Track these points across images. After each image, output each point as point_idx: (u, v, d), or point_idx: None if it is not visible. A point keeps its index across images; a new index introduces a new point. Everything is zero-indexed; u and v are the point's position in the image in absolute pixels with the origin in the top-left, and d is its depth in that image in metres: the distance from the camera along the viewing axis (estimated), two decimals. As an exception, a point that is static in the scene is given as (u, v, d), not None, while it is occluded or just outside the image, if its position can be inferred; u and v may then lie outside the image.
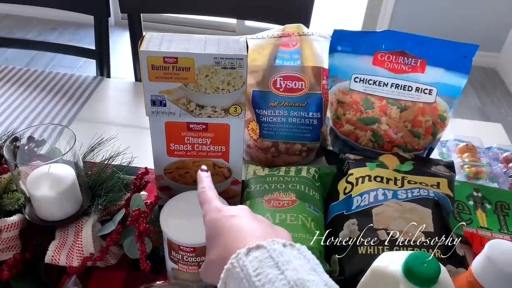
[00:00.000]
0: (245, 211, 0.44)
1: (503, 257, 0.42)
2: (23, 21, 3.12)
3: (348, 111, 0.79)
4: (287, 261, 0.35)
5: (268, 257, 0.35)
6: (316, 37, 0.79)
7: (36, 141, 0.68)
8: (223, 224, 0.42)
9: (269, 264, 0.35)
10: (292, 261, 0.35)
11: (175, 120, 0.62)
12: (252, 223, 0.42)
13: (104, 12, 1.11)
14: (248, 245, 0.37)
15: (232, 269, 0.36)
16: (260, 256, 0.35)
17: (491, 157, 0.87)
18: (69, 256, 0.58)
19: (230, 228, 0.41)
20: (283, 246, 0.37)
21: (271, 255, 0.35)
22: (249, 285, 0.34)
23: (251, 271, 0.34)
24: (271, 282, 0.33)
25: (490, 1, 2.75)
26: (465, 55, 0.73)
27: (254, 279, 0.34)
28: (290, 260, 0.35)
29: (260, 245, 0.36)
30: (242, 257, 0.36)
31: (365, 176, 0.68)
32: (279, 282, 0.33)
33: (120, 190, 0.63)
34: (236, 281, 0.35)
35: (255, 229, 0.41)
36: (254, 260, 0.35)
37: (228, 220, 0.42)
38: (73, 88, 1.02)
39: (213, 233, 0.42)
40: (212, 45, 0.58)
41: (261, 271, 0.34)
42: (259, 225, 0.42)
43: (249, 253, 0.36)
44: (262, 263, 0.35)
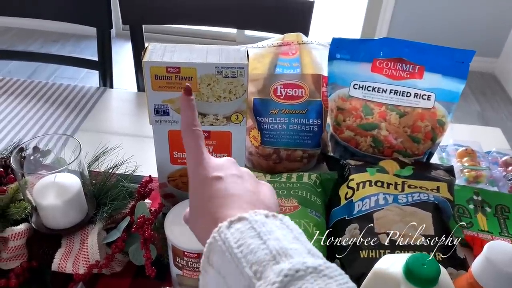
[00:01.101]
0: (230, 169, 0.42)
1: (502, 257, 0.43)
2: (25, 33, 3.16)
3: (348, 118, 0.80)
4: (269, 231, 0.35)
5: (250, 228, 0.35)
6: (315, 45, 0.81)
7: (42, 151, 0.69)
8: (208, 186, 0.40)
9: (250, 235, 0.34)
10: (275, 231, 0.35)
11: (178, 129, 0.63)
12: (237, 186, 0.41)
13: (106, 24, 1.13)
14: (230, 218, 0.36)
15: (214, 242, 0.35)
16: (242, 228, 0.35)
17: (490, 161, 0.88)
18: (75, 263, 0.58)
19: (215, 193, 0.40)
20: (266, 217, 0.36)
21: (253, 226, 0.35)
22: (231, 257, 0.34)
23: (232, 243, 0.34)
24: (253, 252, 0.33)
25: (488, 7, 2.77)
26: (462, 61, 0.74)
27: (236, 250, 0.34)
28: (272, 230, 0.35)
29: (242, 217, 0.36)
30: (224, 230, 0.35)
31: (366, 181, 0.69)
32: (261, 252, 0.33)
33: (125, 198, 0.64)
34: (219, 254, 0.35)
35: (239, 196, 0.40)
36: (236, 232, 0.35)
37: (213, 182, 0.40)
38: (77, 98, 1.04)
39: (197, 192, 0.41)
40: (214, 54, 0.59)
41: (243, 242, 0.34)
42: (243, 189, 0.41)
43: (231, 226, 0.35)
44: (244, 234, 0.34)
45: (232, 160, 0.44)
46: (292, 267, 0.31)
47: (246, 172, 0.44)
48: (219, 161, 0.43)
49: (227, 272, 0.34)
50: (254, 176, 0.44)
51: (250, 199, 0.40)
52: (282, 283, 0.30)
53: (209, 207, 0.39)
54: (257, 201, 0.40)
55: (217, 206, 0.39)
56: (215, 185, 0.40)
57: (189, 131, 0.43)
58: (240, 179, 0.42)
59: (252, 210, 0.37)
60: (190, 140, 0.43)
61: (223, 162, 0.43)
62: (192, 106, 0.44)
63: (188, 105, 0.44)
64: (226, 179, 0.41)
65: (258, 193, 0.42)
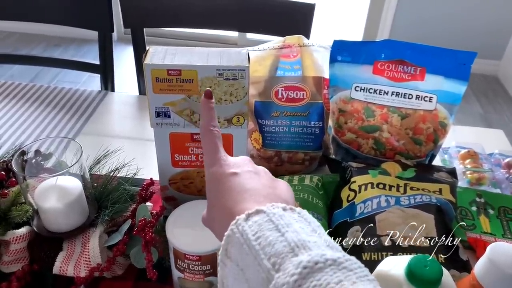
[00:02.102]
0: (247, 166, 0.43)
1: (504, 259, 0.43)
2: (28, 38, 3.17)
3: (350, 120, 0.80)
4: (287, 223, 0.35)
5: (268, 220, 0.35)
6: (316, 48, 0.80)
7: (43, 155, 0.69)
8: (224, 182, 0.41)
9: (268, 227, 0.34)
10: (293, 224, 0.35)
11: (179, 131, 0.63)
12: (253, 181, 0.41)
13: (108, 27, 1.14)
14: (248, 211, 0.36)
15: (232, 235, 0.35)
16: (260, 220, 0.35)
17: (493, 163, 0.87)
18: (77, 266, 0.58)
19: (232, 188, 0.40)
20: (283, 210, 0.36)
21: (270, 219, 0.35)
22: (249, 249, 0.34)
23: (250, 236, 0.34)
24: (271, 245, 0.33)
25: (490, 10, 2.77)
26: (464, 63, 0.74)
27: (254, 243, 0.34)
28: (290, 223, 0.35)
29: (259, 210, 0.36)
30: (242, 223, 0.35)
31: (368, 183, 0.68)
32: (279, 244, 0.33)
33: (126, 201, 0.64)
34: (237, 247, 0.35)
35: (256, 190, 0.40)
36: (253, 224, 0.35)
37: (230, 178, 0.41)
38: (78, 102, 1.04)
39: (214, 189, 0.41)
40: (215, 57, 0.59)
41: (261, 234, 0.34)
42: (260, 184, 0.41)
43: (248, 218, 0.35)
44: (262, 227, 0.34)
45: (248, 158, 0.44)
46: (311, 259, 0.31)
47: (262, 169, 0.44)
48: (235, 159, 0.43)
49: (245, 264, 0.34)
50: (270, 173, 0.44)
51: (267, 193, 0.40)
52: (301, 275, 0.30)
53: (226, 202, 0.40)
54: (274, 195, 0.40)
55: (234, 200, 0.39)
56: (231, 181, 0.41)
57: (207, 131, 0.44)
58: (256, 175, 0.42)
59: (270, 203, 0.37)
60: (208, 139, 0.44)
61: (239, 160, 0.44)
62: (211, 109, 0.46)
63: (208, 108, 0.45)
64: (243, 175, 0.41)
65: (274, 188, 0.42)
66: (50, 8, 1.16)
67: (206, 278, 0.56)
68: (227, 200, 0.40)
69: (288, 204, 0.40)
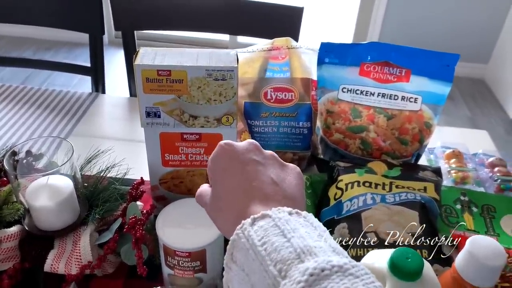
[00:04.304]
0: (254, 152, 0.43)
1: (483, 251, 0.45)
2: (18, 41, 3.16)
3: (337, 121, 0.82)
4: (293, 229, 0.34)
5: (274, 225, 0.35)
6: (304, 50, 0.82)
7: (34, 155, 0.70)
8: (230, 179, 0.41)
9: (274, 233, 0.34)
10: (299, 229, 0.34)
11: (169, 131, 0.64)
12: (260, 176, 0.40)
13: (98, 30, 1.14)
14: (253, 215, 0.36)
15: (238, 240, 0.35)
16: (265, 225, 0.35)
17: (477, 162, 0.90)
18: (68, 264, 0.59)
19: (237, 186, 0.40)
20: (289, 214, 0.36)
21: (276, 224, 0.35)
22: (255, 255, 0.34)
23: (256, 241, 0.34)
24: (277, 251, 0.33)
25: (477, 14, 2.81)
26: (447, 64, 0.76)
27: (260, 248, 0.33)
28: (296, 228, 0.34)
29: (265, 214, 0.36)
30: (247, 227, 0.35)
31: (354, 181, 0.70)
32: (285, 250, 0.33)
33: (116, 200, 0.64)
34: (243, 252, 0.35)
35: (262, 189, 0.39)
36: (259, 229, 0.35)
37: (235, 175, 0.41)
38: (69, 104, 1.05)
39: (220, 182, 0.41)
40: (204, 58, 0.60)
41: (267, 240, 0.34)
42: (266, 179, 0.40)
43: (254, 223, 0.35)
44: (268, 232, 0.34)
45: (254, 144, 0.44)
46: (318, 266, 0.31)
47: (270, 155, 0.44)
48: (243, 144, 0.43)
49: (251, 269, 0.34)
50: (279, 159, 0.44)
51: (273, 191, 0.40)
52: (307, 282, 0.30)
53: (230, 200, 0.40)
54: (280, 194, 0.40)
55: (239, 199, 0.39)
56: (236, 177, 0.40)
57: None
58: (263, 166, 0.42)
59: (275, 205, 0.37)
60: None
61: (246, 145, 0.43)
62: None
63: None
64: (249, 170, 0.41)
65: (282, 182, 0.41)
66: (40, 11, 1.16)
67: (195, 274, 0.57)
68: (232, 199, 0.40)
69: (296, 200, 0.40)
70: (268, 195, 0.39)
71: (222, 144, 0.44)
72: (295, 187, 0.42)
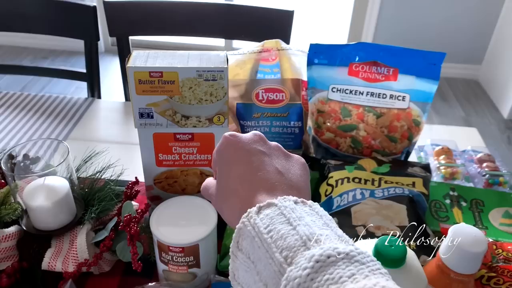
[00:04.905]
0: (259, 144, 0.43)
1: (465, 239, 0.46)
2: (16, 51, 3.18)
3: (328, 120, 0.84)
4: (299, 217, 0.35)
5: (279, 214, 0.35)
6: (294, 51, 0.84)
7: (31, 158, 0.72)
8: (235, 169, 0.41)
9: (280, 221, 0.34)
10: (304, 217, 0.35)
11: (162, 131, 0.65)
12: (265, 166, 0.41)
13: (93, 36, 1.16)
14: (259, 203, 0.36)
15: (244, 228, 0.36)
16: (271, 214, 0.35)
17: (466, 159, 0.91)
18: (65, 262, 0.61)
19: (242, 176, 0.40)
20: (295, 203, 0.36)
21: (282, 212, 0.35)
22: (261, 243, 0.34)
23: (262, 229, 0.34)
24: (283, 238, 0.33)
25: (470, 16, 2.84)
26: (434, 63, 0.78)
27: (266, 236, 0.34)
28: (302, 216, 0.35)
29: (271, 203, 0.36)
30: (253, 216, 0.36)
31: (344, 178, 0.72)
32: (291, 238, 0.33)
33: (112, 199, 0.66)
34: (248, 240, 0.35)
35: (267, 180, 0.40)
36: (265, 217, 0.35)
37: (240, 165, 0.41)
38: (65, 109, 1.06)
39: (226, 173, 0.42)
40: (195, 59, 0.62)
41: (273, 228, 0.34)
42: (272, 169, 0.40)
43: (260, 211, 0.36)
44: (273, 220, 0.35)
45: (259, 135, 0.44)
46: (323, 253, 0.31)
47: (275, 146, 0.44)
48: (248, 135, 0.44)
49: (257, 257, 0.34)
50: (284, 150, 0.44)
51: (279, 181, 0.40)
52: (313, 269, 0.30)
53: (236, 190, 0.40)
54: (286, 183, 0.40)
55: (245, 189, 0.39)
56: (241, 167, 0.41)
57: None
58: (269, 158, 0.42)
59: (281, 195, 0.37)
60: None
61: (251, 137, 0.44)
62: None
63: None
64: (254, 160, 0.41)
65: (287, 172, 0.41)
66: (36, 18, 1.18)
67: (190, 269, 0.58)
68: (237, 188, 0.40)
69: (301, 190, 0.40)
70: (273, 184, 0.39)
71: (227, 135, 0.44)
72: (300, 177, 0.42)
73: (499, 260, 0.61)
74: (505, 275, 0.60)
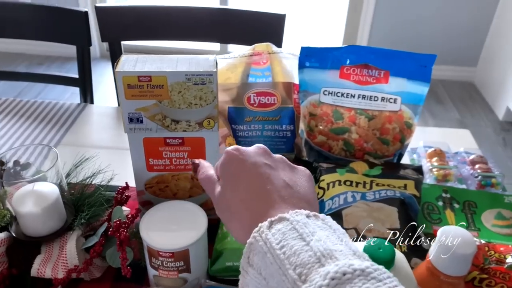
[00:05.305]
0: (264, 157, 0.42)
1: (454, 241, 0.46)
2: (10, 57, 3.18)
3: (320, 123, 0.84)
4: (312, 232, 0.34)
5: (292, 229, 0.34)
6: (285, 55, 0.84)
7: (22, 165, 0.71)
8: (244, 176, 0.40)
9: (293, 236, 0.34)
10: (317, 232, 0.34)
11: (152, 136, 0.65)
12: (272, 179, 0.40)
13: (85, 41, 1.16)
14: (271, 218, 0.36)
15: (255, 243, 0.35)
16: (283, 229, 0.34)
17: (459, 161, 0.91)
18: (54, 269, 0.60)
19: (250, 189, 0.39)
20: (307, 217, 0.36)
21: (294, 227, 0.34)
22: (274, 259, 0.33)
23: (274, 244, 0.34)
24: (296, 254, 0.32)
25: (464, 18, 2.86)
26: (425, 65, 0.78)
27: (278, 252, 0.33)
28: (315, 231, 0.34)
29: (282, 217, 0.35)
30: (265, 231, 0.35)
31: (336, 181, 0.71)
32: (304, 254, 0.32)
33: (102, 204, 0.66)
34: (260, 255, 0.34)
35: (275, 193, 0.39)
36: (277, 232, 0.34)
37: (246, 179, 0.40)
38: (58, 115, 1.06)
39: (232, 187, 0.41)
40: (184, 63, 0.62)
41: (285, 243, 0.33)
42: (279, 182, 0.40)
43: (271, 226, 0.35)
44: (286, 235, 0.34)
45: (263, 148, 0.44)
46: (339, 270, 0.30)
47: (280, 159, 0.43)
48: (251, 149, 0.43)
49: (269, 273, 0.34)
50: (288, 162, 0.43)
51: (288, 194, 0.39)
52: (329, 286, 0.30)
53: (245, 204, 0.39)
54: (295, 196, 0.39)
55: (254, 203, 0.38)
56: (248, 181, 0.40)
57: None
58: (274, 170, 0.41)
59: (292, 208, 0.37)
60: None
61: (255, 150, 0.43)
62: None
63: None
64: (261, 173, 0.40)
65: (295, 184, 0.41)
66: (28, 24, 1.18)
67: (180, 274, 0.58)
68: (245, 202, 0.39)
69: (310, 202, 0.40)
70: (283, 198, 0.39)
71: (229, 150, 0.43)
72: (308, 189, 0.41)
73: (491, 262, 0.61)
74: (497, 276, 0.60)
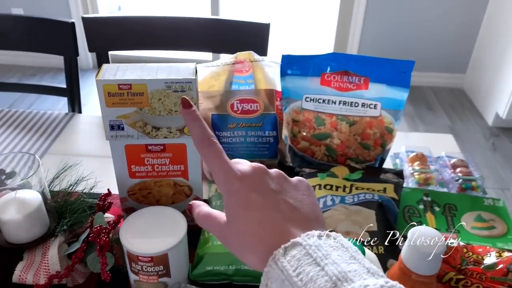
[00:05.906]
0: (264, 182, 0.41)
1: (423, 240, 0.47)
2: (3, 68, 3.19)
3: (303, 129, 0.85)
4: (325, 255, 0.34)
5: (305, 254, 0.35)
6: (267, 63, 0.86)
7: (7, 173, 0.72)
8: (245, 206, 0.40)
9: (307, 262, 0.34)
10: (331, 254, 0.35)
11: (133, 143, 0.66)
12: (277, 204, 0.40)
13: (73, 52, 1.18)
14: (284, 244, 0.36)
15: (272, 271, 0.36)
16: (298, 255, 0.35)
17: (441, 165, 0.93)
18: (36, 275, 0.61)
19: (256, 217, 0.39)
20: (319, 238, 0.36)
21: (308, 252, 0.35)
22: (291, 286, 0.34)
23: (291, 271, 0.34)
24: (313, 280, 0.33)
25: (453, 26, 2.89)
26: (404, 71, 0.80)
27: (295, 279, 0.34)
28: (328, 253, 0.35)
29: (295, 242, 0.36)
30: (280, 258, 0.35)
31: (316, 185, 0.73)
32: (321, 279, 0.33)
33: (84, 211, 0.66)
34: (278, 282, 0.35)
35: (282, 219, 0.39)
36: (292, 259, 0.35)
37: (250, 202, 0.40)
38: (46, 124, 1.07)
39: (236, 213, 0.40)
40: (164, 71, 0.63)
41: (301, 270, 0.34)
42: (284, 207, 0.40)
43: (286, 253, 0.36)
44: (301, 261, 0.35)
45: (263, 168, 0.43)
46: None
47: (278, 175, 0.43)
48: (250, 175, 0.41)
49: None
50: (286, 177, 0.43)
51: (296, 217, 0.40)
52: None
53: (258, 235, 0.39)
54: (303, 217, 0.40)
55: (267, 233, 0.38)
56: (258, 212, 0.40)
57: (204, 145, 0.42)
58: (279, 194, 0.41)
59: (303, 231, 0.37)
60: (211, 154, 0.41)
61: (254, 172, 0.42)
62: (196, 118, 0.42)
63: (192, 118, 0.42)
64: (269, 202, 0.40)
65: (300, 204, 0.41)
66: (16, 35, 1.20)
67: (160, 279, 0.59)
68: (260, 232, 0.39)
69: (318, 219, 0.40)
70: (293, 223, 0.39)
71: (236, 173, 0.41)
72: (313, 205, 0.42)
73: (468, 263, 0.62)
74: (473, 277, 0.61)
